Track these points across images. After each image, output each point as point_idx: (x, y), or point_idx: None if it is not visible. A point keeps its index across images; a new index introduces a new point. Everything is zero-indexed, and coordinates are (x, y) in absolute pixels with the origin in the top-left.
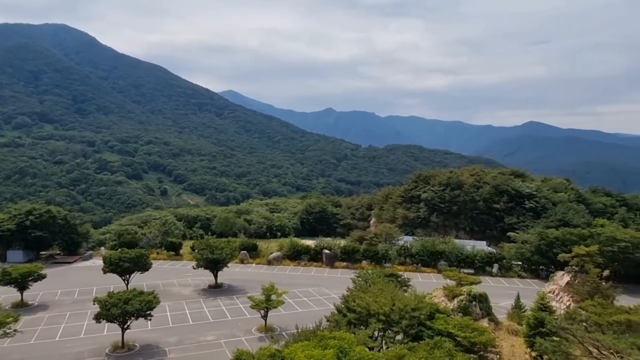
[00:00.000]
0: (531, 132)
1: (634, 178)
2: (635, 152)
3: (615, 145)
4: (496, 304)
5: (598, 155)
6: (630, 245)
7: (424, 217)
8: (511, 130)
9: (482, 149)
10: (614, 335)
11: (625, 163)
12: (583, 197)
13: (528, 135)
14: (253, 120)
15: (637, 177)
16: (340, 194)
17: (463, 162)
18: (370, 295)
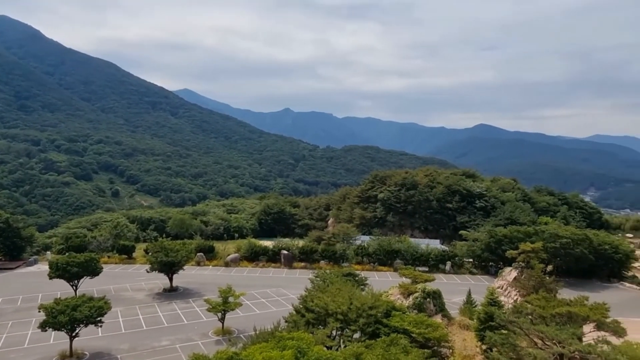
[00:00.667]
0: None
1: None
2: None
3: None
4: (449, 300)
5: (542, 157)
6: (570, 242)
7: (381, 217)
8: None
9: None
10: (557, 326)
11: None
12: (529, 196)
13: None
14: (209, 120)
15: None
16: (299, 195)
17: (418, 162)
18: (328, 295)
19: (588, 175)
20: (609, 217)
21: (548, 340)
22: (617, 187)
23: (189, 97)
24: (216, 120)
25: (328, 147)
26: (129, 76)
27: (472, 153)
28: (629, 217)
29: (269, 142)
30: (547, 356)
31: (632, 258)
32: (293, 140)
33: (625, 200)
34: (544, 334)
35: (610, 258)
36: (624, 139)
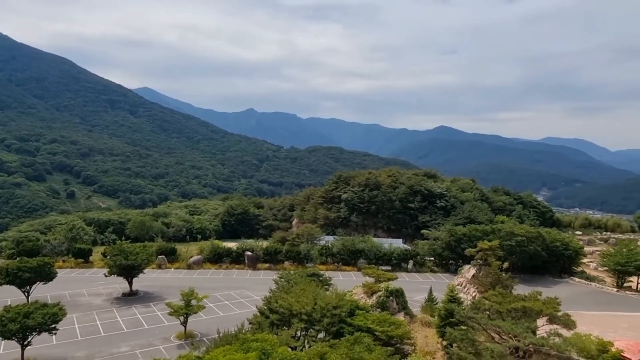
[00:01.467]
0: (442, 136)
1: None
2: (529, 156)
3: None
4: (411, 298)
5: (499, 158)
6: (525, 240)
7: (345, 217)
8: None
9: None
10: (512, 321)
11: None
12: (486, 196)
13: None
14: (171, 120)
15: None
16: (263, 195)
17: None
18: (292, 295)
19: (541, 176)
20: (560, 216)
21: (504, 334)
22: (568, 187)
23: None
24: (178, 120)
25: (292, 148)
26: (86, 73)
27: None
28: (578, 216)
29: (232, 143)
30: (504, 350)
31: (581, 254)
32: (257, 141)
33: (575, 199)
34: (501, 329)
35: (561, 255)
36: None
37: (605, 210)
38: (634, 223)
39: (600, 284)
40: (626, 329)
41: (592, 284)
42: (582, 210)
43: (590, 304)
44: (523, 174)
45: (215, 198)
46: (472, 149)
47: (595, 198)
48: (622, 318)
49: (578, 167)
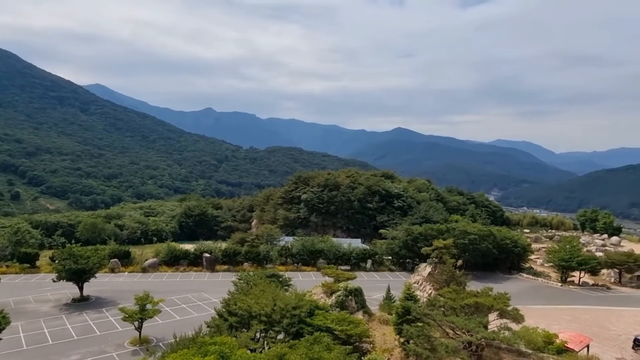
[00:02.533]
0: (399, 137)
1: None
2: (481, 157)
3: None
4: (370, 296)
5: (453, 159)
6: (477, 238)
7: (304, 218)
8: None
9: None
10: (466, 316)
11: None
12: (441, 196)
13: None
14: (124, 118)
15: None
16: (221, 196)
17: (340, 164)
18: (251, 297)
19: (492, 176)
20: (510, 215)
21: (458, 329)
22: (516, 187)
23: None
24: (132, 118)
25: (251, 148)
26: (32, 68)
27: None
28: (526, 214)
29: (189, 142)
30: (458, 345)
31: (528, 251)
32: (215, 141)
33: (523, 198)
34: (455, 324)
35: (510, 252)
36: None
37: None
38: (576, 221)
39: (546, 279)
40: (569, 321)
41: (538, 279)
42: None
43: (537, 298)
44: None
45: (172, 199)
46: (428, 150)
47: (541, 197)
48: (566, 311)
49: (526, 169)
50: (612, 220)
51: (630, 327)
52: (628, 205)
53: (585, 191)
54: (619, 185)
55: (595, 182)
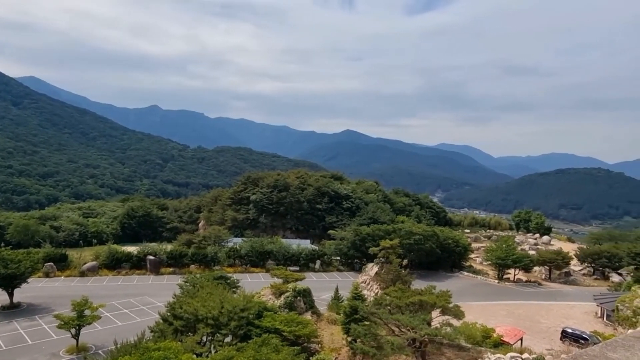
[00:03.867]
0: (348, 139)
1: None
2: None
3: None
4: (318, 297)
5: (400, 162)
6: (422, 238)
7: (253, 218)
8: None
9: (306, 153)
10: (410, 314)
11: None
12: (388, 197)
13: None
14: (62, 113)
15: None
16: (167, 196)
17: (289, 165)
18: (198, 299)
19: (436, 179)
20: (452, 215)
21: (403, 327)
22: (458, 189)
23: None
24: (70, 114)
25: (199, 148)
26: None
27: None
28: (467, 215)
29: (133, 141)
30: (403, 342)
31: (469, 250)
32: (161, 139)
33: (464, 200)
34: (400, 322)
35: (452, 251)
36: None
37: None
38: (511, 221)
39: (484, 277)
40: (505, 316)
41: (477, 277)
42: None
43: (476, 295)
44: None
45: (113, 199)
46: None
47: (481, 199)
48: (502, 306)
49: (467, 172)
50: (543, 220)
51: (558, 320)
52: (557, 206)
53: (520, 193)
54: (549, 188)
55: (529, 184)
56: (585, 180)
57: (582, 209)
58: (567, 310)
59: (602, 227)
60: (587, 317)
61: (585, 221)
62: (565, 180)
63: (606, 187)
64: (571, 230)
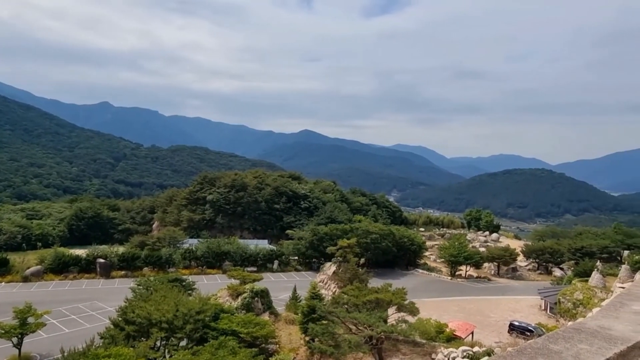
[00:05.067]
0: (306, 140)
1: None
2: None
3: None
4: (276, 297)
5: (357, 162)
6: (379, 237)
7: (210, 219)
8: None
9: (264, 153)
10: (367, 312)
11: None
12: (346, 197)
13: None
14: (3, 109)
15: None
16: (119, 197)
17: (247, 165)
18: (151, 303)
19: (392, 179)
20: (407, 215)
21: (361, 325)
22: (413, 188)
23: None
24: (12, 110)
25: (153, 147)
26: None
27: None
28: (422, 214)
29: (82, 139)
30: (360, 340)
31: (424, 248)
32: (112, 138)
33: (419, 199)
34: (357, 320)
35: (408, 249)
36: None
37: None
38: (463, 220)
39: (438, 274)
40: (456, 311)
41: (432, 274)
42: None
43: (431, 291)
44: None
45: (60, 200)
46: (334, 152)
47: (434, 198)
48: (454, 302)
49: (422, 172)
50: (492, 219)
51: (506, 313)
52: (505, 205)
53: (471, 193)
54: (498, 188)
55: (479, 184)
56: (530, 180)
57: (528, 208)
58: (514, 304)
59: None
60: (532, 310)
61: (530, 219)
62: (512, 180)
63: (549, 186)
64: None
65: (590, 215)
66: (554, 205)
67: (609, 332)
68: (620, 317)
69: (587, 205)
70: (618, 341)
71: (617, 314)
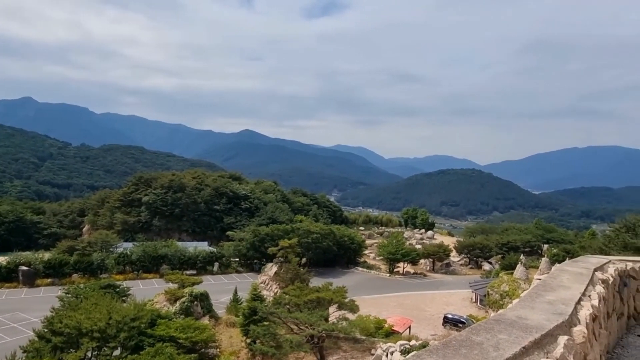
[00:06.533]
0: (247, 139)
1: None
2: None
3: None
4: (217, 300)
5: (298, 162)
6: (320, 236)
7: (146, 221)
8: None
9: (204, 152)
10: (309, 311)
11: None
12: (287, 197)
13: (244, 142)
14: None
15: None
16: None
17: (186, 165)
18: (81, 312)
19: (333, 179)
20: (348, 214)
21: (302, 324)
22: (354, 188)
23: None
24: None
25: (83, 146)
26: None
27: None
28: (361, 214)
29: (2, 137)
30: (301, 339)
31: (363, 247)
32: (37, 136)
33: (359, 199)
34: (299, 320)
35: (348, 248)
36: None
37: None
38: (401, 218)
39: (377, 271)
40: (395, 306)
41: (371, 272)
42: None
43: (370, 288)
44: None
45: None
46: (274, 153)
47: (374, 198)
48: (392, 298)
49: (361, 172)
50: (428, 217)
51: (440, 307)
52: (440, 204)
53: (408, 192)
54: (433, 187)
55: (416, 184)
56: (462, 180)
57: (460, 206)
58: (448, 297)
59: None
60: (465, 302)
61: (463, 217)
62: (445, 180)
63: (479, 186)
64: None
65: (515, 213)
66: (484, 204)
67: (525, 321)
68: (536, 307)
69: (513, 203)
70: (533, 330)
71: (533, 304)
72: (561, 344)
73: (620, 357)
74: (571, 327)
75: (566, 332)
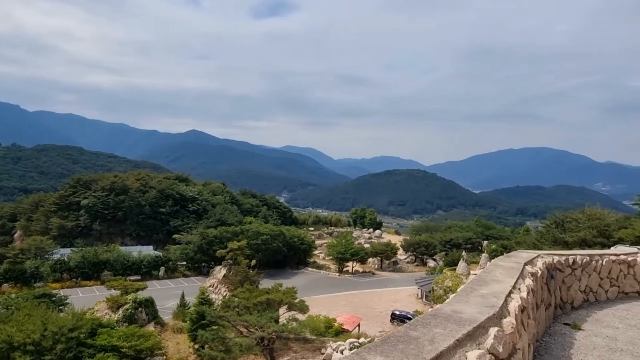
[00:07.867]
0: (194, 140)
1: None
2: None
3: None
4: (163, 305)
5: (247, 163)
6: (269, 238)
7: (85, 226)
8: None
9: (147, 153)
10: (259, 313)
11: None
12: (236, 199)
13: (191, 143)
14: None
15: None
16: None
17: (129, 166)
18: (13, 324)
19: (282, 180)
20: (297, 215)
21: (252, 327)
22: (303, 189)
23: None
24: None
25: (14, 146)
26: None
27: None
28: (311, 214)
29: None
30: (251, 342)
31: (313, 247)
32: None
33: (309, 200)
34: (248, 322)
35: (298, 248)
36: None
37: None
38: (349, 218)
39: (327, 271)
40: (344, 305)
41: (321, 272)
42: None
43: (320, 288)
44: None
45: None
46: (223, 153)
47: (323, 198)
48: (342, 297)
49: (311, 173)
50: (376, 216)
51: (388, 304)
52: (387, 203)
53: (356, 192)
54: (380, 187)
55: (364, 184)
56: (408, 180)
57: (406, 205)
58: (395, 294)
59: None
60: (411, 299)
61: (409, 216)
62: (392, 180)
63: (424, 185)
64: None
65: (457, 211)
66: (428, 203)
67: (460, 315)
68: (470, 301)
69: (455, 202)
70: (467, 323)
71: (467, 298)
72: (491, 335)
73: (548, 344)
74: (501, 318)
75: (497, 324)
